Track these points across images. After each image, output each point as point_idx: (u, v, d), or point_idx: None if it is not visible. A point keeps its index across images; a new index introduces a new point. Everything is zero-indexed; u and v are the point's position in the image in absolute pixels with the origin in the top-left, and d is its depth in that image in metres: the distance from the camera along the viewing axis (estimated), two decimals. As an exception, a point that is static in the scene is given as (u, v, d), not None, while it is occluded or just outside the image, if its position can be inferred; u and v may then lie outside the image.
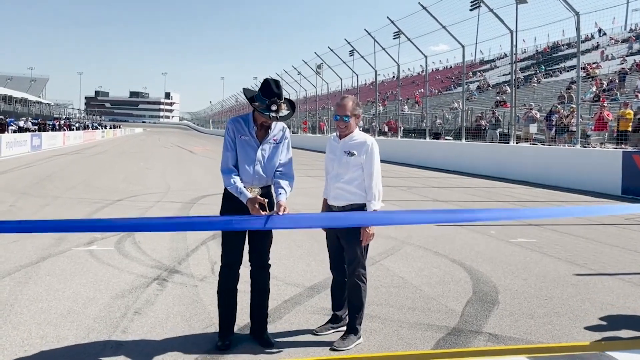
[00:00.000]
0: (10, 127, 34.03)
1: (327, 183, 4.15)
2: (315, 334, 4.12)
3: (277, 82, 3.81)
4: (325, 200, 4.22)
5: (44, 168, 19.11)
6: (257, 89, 4.02)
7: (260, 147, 3.88)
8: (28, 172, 17.45)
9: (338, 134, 4.13)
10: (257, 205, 3.65)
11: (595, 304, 5.04)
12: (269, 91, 3.72)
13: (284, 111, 3.76)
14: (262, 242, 3.95)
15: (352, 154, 3.98)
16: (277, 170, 3.93)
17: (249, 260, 3.99)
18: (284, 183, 3.87)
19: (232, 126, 3.91)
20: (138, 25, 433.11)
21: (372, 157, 4.00)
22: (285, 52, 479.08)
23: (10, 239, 7.04)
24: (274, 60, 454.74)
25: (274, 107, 3.69)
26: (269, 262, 4.03)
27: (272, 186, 3.92)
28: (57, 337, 3.93)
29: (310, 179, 15.38)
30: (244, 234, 3.92)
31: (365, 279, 4.05)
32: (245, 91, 4.01)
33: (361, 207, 4.00)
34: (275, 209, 3.73)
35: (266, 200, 3.70)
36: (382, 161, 4.16)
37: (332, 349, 3.86)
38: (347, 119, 4.00)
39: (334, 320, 4.21)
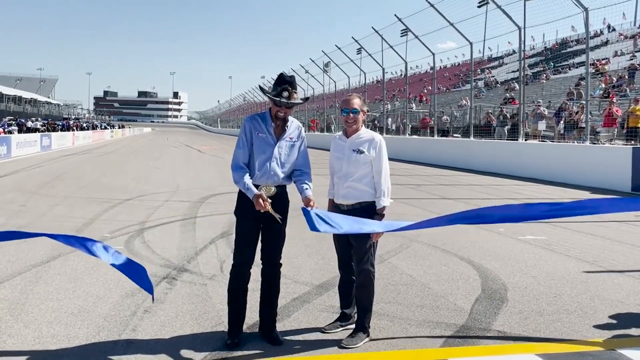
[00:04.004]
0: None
1: (335, 183, 4.16)
2: (324, 332, 4.13)
3: (291, 76, 3.93)
4: (331, 201, 4.23)
5: (53, 168, 19.24)
6: (266, 87, 4.14)
7: (277, 144, 3.91)
8: (38, 172, 17.58)
9: (345, 131, 4.15)
10: (260, 201, 3.71)
11: (605, 301, 5.02)
12: (281, 80, 3.87)
13: (296, 100, 3.87)
14: (275, 241, 3.98)
15: (362, 152, 4.01)
16: (296, 170, 4.00)
17: (261, 259, 4.01)
18: (306, 179, 3.98)
19: (249, 124, 3.94)
20: (146, 25, 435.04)
21: (381, 154, 4.04)
22: (293, 51, 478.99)
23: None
24: (282, 59, 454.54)
25: (285, 94, 3.80)
26: (280, 261, 4.05)
27: (295, 184, 3.98)
28: (67, 336, 3.96)
29: (319, 177, 15.41)
30: (257, 233, 3.94)
31: (374, 277, 4.06)
32: (261, 88, 4.10)
33: (371, 205, 4.02)
34: (304, 204, 3.83)
35: (269, 201, 3.75)
36: (390, 159, 4.18)
37: (341, 347, 3.87)
38: (355, 112, 4.04)
39: (343, 319, 4.22)
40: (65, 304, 4.66)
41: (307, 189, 3.92)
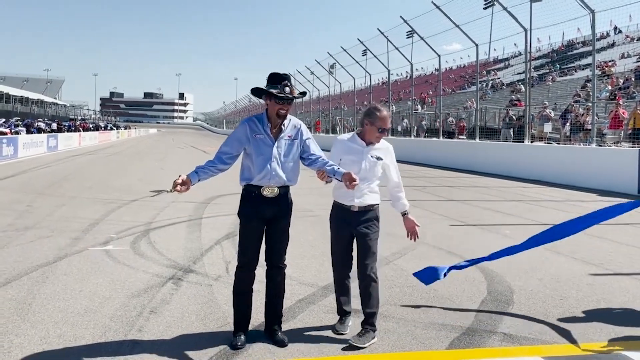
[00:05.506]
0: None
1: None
2: (336, 333, 4.11)
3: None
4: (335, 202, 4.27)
5: (60, 168, 19.32)
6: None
7: (276, 144, 3.90)
8: (44, 172, 17.65)
9: (362, 137, 4.17)
10: (179, 187, 3.76)
11: (611, 304, 5.00)
12: (277, 77, 3.87)
13: (295, 94, 3.90)
14: (279, 242, 3.98)
15: (380, 159, 4.16)
16: (315, 157, 3.99)
17: (265, 260, 4.01)
18: (328, 161, 3.99)
19: (246, 126, 3.93)
20: (152, 26, 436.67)
21: (394, 158, 4.28)
22: (298, 52, 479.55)
23: (28, 239, 7.14)
24: (287, 60, 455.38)
25: (287, 89, 3.82)
26: (285, 262, 4.05)
27: (321, 169, 3.94)
28: (74, 336, 3.98)
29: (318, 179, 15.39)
30: (261, 234, 3.95)
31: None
32: (254, 90, 4.06)
33: (376, 206, 4.15)
34: (344, 181, 3.76)
35: (184, 188, 3.76)
36: (396, 161, 4.25)
37: (351, 345, 3.86)
38: (387, 130, 4.19)
39: (347, 315, 4.24)
40: (71, 304, 4.67)
41: (338, 168, 3.88)
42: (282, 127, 3.93)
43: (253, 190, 3.90)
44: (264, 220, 3.91)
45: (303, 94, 4.08)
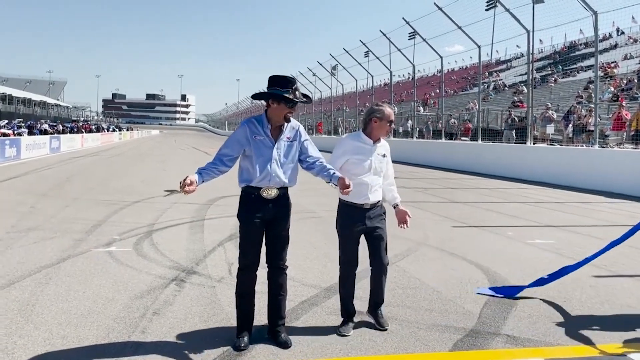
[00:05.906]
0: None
1: (357, 183, 4.15)
2: (340, 334, 4.12)
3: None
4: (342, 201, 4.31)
5: (63, 170, 19.34)
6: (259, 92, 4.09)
7: (275, 146, 3.91)
8: (47, 174, 17.67)
9: (370, 135, 4.25)
10: (186, 187, 3.65)
11: (614, 306, 4.99)
12: (286, 80, 3.87)
13: (302, 97, 3.93)
14: (279, 244, 3.98)
15: (385, 156, 4.32)
16: (312, 160, 4.03)
17: (267, 262, 4.01)
18: (327, 164, 4.06)
19: (246, 128, 3.93)
20: (154, 28, 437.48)
21: (389, 157, 4.41)
22: (299, 53, 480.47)
23: (31, 240, 7.15)
24: (289, 61, 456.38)
25: (297, 93, 3.85)
26: (286, 263, 4.06)
27: (319, 173, 4.00)
28: (77, 337, 3.98)
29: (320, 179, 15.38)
30: (261, 235, 3.95)
31: None
32: (257, 95, 4.06)
33: (382, 200, 4.36)
34: (339, 187, 3.87)
35: (192, 189, 3.67)
36: (398, 162, 4.25)
37: (381, 328, 4.18)
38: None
39: (352, 316, 4.27)
40: (75, 305, 4.68)
41: (334, 172, 3.95)
42: (282, 128, 3.94)
43: (252, 192, 3.91)
44: (263, 221, 3.91)
45: (307, 97, 4.09)
